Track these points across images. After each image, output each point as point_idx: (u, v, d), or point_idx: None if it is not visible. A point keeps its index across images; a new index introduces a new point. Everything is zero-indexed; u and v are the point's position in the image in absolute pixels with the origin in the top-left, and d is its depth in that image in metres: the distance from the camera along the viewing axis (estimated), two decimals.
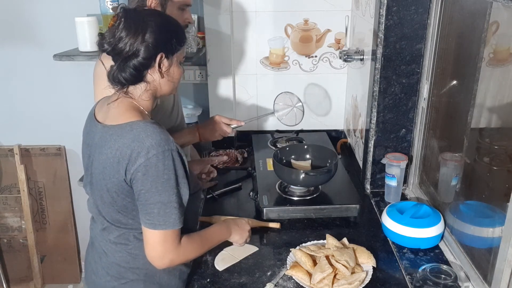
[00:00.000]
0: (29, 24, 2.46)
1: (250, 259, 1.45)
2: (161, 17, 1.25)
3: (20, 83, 2.60)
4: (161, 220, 1.16)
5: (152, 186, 1.14)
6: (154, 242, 1.18)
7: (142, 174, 1.14)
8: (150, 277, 1.30)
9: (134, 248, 1.28)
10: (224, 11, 2.16)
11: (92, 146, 1.25)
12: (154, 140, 1.13)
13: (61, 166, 2.76)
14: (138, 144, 1.13)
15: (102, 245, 1.32)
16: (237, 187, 1.91)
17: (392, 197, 1.74)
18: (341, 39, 2.26)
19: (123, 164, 1.15)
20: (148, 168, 1.13)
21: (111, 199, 1.22)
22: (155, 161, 1.13)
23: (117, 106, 1.22)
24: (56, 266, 2.93)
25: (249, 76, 2.34)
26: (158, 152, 1.13)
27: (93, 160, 1.25)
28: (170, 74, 1.24)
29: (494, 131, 1.40)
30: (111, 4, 2.03)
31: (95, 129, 1.25)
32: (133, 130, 1.16)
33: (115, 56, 1.19)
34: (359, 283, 1.28)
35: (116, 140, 1.17)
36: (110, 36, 1.17)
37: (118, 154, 1.15)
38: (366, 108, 1.85)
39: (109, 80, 1.22)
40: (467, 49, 1.47)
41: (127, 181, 1.17)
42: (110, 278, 1.31)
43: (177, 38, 1.23)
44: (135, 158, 1.13)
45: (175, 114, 1.74)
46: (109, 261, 1.31)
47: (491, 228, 1.26)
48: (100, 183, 1.23)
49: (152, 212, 1.16)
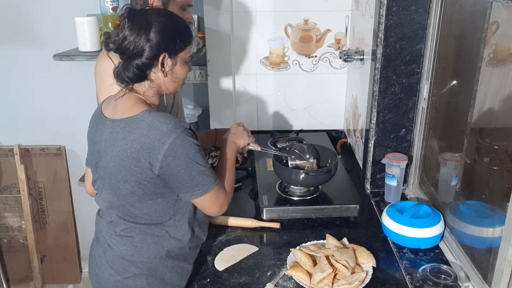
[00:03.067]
0: (29, 24, 2.46)
1: (250, 259, 1.45)
2: (166, 16, 1.27)
3: (20, 83, 2.60)
4: (208, 183, 1.27)
5: (187, 163, 1.22)
6: (212, 202, 1.30)
7: (173, 157, 1.20)
8: (152, 272, 1.31)
9: (139, 241, 1.30)
10: (224, 11, 2.16)
11: (102, 142, 1.28)
12: (170, 125, 1.19)
13: (61, 166, 2.76)
14: (156, 132, 1.18)
15: (107, 238, 1.34)
16: (237, 187, 1.91)
17: (392, 197, 1.74)
18: (341, 39, 2.26)
19: (144, 153, 1.19)
20: (175, 150, 1.19)
21: (130, 188, 1.25)
22: (180, 142, 1.19)
23: (125, 100, 1.26)
24: (56, 266, 2.93)
25: (249, 76, 2.34)
26: (178, 134, 1.19)
27: (104, 155, 1.27)
28: (174, 73, 1.28)
29: (494, 131, 1.40)
30: (111, 4, 2.03)
31: (103, 126, 1.28)
32: (145, 120, 1.20)
33: (121, 54, 1.23)
34: (359, 283, 1.28)
35: (130, 131, 1.21)
36: (115, 35, 1.21)
37: (136, 144, 1.19)
38: (366, 108, 1.85)
39: (115, 77, 1.26)
40: (467, 49, 1.47)
41: (153, 170, 1.21)
42: (113, 272, 1.32)
43: (181, 38, 1.26)
44: (158, 145, 1.18)
45: (174, 114, 1.74)
46: (113, 254, 1.33)
47: (491, 228, 1.26)
48: (116, 176, 1.25)
49: (198, 182, 1.25)
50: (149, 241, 1.30)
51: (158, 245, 1.31)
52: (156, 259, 1.31)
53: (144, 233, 1.30)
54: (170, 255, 1.32)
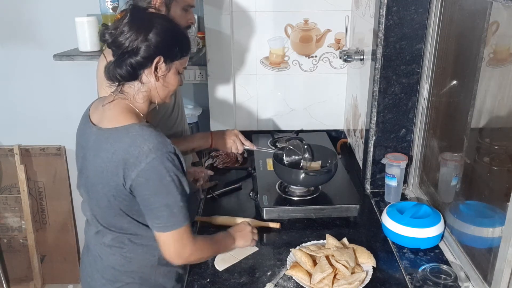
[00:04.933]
0: (29, 24, 2.46)
1: (250, 259, 1.45)
2: (169, 22, 1.23)
3: (20, 83, 2.60)
4: (171, 221, 1.17)
5: (157, 190, 1.14)
6: (169, 242, 1.19)
7: (145, 180, 1.13)
8: (145, 280, 1.30)
9: (129, 251, 1.27)
10: (224, 11, 2.16)
11: (87, 148, 1.24)
12: (152, 144, 1.13)
13: (61, 166, 2.76)
14: (136, 149, 1.12)
15: (97, 248, 1.31)
16: (237, 187, 1.91)
17: (392, 197, 1.74)
18: (341, 39, 2.26)
19: (120, 168, 1.14)
20: (149, 172, 1.12)
21: (107, 202, 1.21)
22: (156, 165, 1.12)
23: (113, 108, 1.21)
24: (56, 266, 2.93)
25: (249, 76, 2.34)
26: (157, 155, 1.12)
27: (87, 163, 1.24)
28: (166, 80, 1.22)
29: (494, 131, 1.40)
30: (111, 4, 2.03)
31: (89, 131, 1.24)
32: (129, 133, 1.15)
33: (115, 49, 1.18)
34: (359, 283, 1.28)
35: (112, 144, 1.16)
36: (113, 27, 1.17)
37: (115, 157, 1.14)
38: (366, 108, 1.85)
39: (105, 74, 1.21)
40: (467, 49, 1.47)
41: (126, 187, 1.16)
42: (105, 282, 1.30)
43: (180, 46, 1.22)
44: (134, 163, 1.12)
45: (175, 115, 1.74)
46: (104, 264, 1.30)
47: (491, 228, 1.26)
48: (96, 187, 1.21)
49: (161, 215, 1.16)
50: (138, 251, 1.27)
51: (148, 253, 1.28)
52: (147, 267, 1.29)
53: (133, 243, 1.26)
54: (161, 262, 1.28)
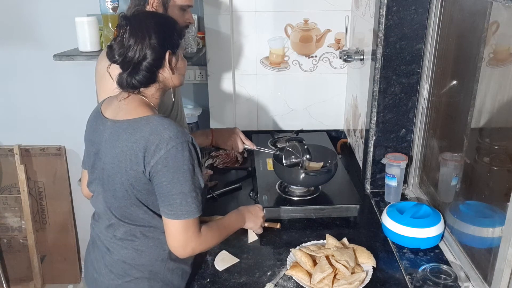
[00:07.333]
0: (29, 24, 2.46)
1: (250, 259, 1.45)
2: (158, 16, 1.30)
3: (20, 83, 2.60)
4: (183, 210, 1.19)
5: (173, 177, 1.17)
6: (177, 231, 1.21)
7: (163, 166, 1.17)
8: (154, 274, 1.31)
9: (140, 245, 1.29)
10: (224, 11, 2.16)
11: (101, 142, 1.27)
12: (172, 132, 1.17)
13: (61, 166, 2.76)
14: (157, 137, 1.17)
15: (106, 242, 1.33)
16: (237, 187, 1.91)
17: (392, 197, 1.74)
18: (341, 39, 2.26)
19: (141, 156, 1.18)
20: (168, 160, 1.16)
21: (124, 192, 1.24)
22: (175, 153, 1.16)
23: (129, 102, 1.25)
24: (56, 266, 2.93)
25: (249, 76, 2.34)
26: (177, 143, 1.17)
27: (102, 156, 1.27)
28: (178, 68, 1.29)
29: (494, 131, 1.40)
30: (111, 4, 2.03)
31: (103, 126, 1.28)
32: (150, 123, 1.19)
33: (124, 64, 1.22)
34: (359, 283, 1.28)
35: (132, 133, 1.20)
36: (119, 46, 1.21)
37: (135, 146, 1.18)
38: (366, 108, 1.85)
39: (120, 87, 1.25)
40: (467, 49, 1.47)
41: (145, 173, 1.19)
42: (114, 276, 1.32)
43: (177, 33, 1.28)
44: (154, 150, 1.16)
45: (174, 114, 1.74)
46: (113, 258, 1.32)
47: (491, 228, 1.26)
48: (113, 178, 1.24)
49: (174, 202, 1.19)
50: (150, 244, 1.30)
51: (159, 247, 1.30)
52: (158, 261, 1.31)
53: (145, 236, 1.29)
54: (171, 257, 1.31)
